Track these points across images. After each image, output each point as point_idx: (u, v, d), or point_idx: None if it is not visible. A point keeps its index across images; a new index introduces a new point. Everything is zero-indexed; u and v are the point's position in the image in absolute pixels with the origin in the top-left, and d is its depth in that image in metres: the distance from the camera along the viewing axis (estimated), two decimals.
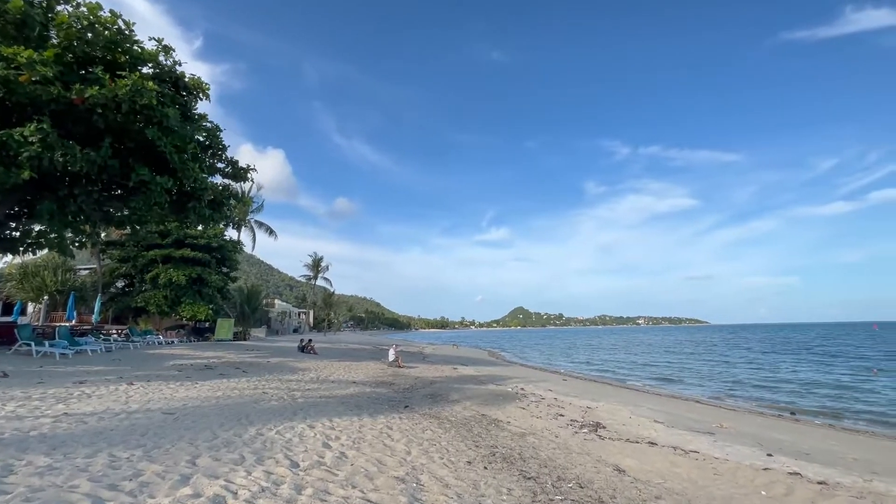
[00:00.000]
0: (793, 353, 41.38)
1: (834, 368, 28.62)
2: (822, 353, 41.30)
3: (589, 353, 48.34)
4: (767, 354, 41.06)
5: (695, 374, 27.98)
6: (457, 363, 26.62)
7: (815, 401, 18.07)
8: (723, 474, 6.28)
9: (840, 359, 35.00)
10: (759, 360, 35.26)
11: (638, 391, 20.69)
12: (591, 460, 6.39)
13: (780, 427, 12.45)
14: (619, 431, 9.26)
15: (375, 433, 6.88)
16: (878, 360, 33.23)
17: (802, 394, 19.68)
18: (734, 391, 21.12)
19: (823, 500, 5.15)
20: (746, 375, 26.31)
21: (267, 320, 61.98)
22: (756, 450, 8.30)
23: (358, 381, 14.40)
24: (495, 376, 19.90)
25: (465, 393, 13.27)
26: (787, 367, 30.40)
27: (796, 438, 10.44)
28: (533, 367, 31.68)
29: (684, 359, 38.69)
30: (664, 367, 32.02)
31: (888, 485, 6.37)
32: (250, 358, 19.85)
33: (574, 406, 12.58)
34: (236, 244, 37.36)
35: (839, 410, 16.18)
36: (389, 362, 20.80)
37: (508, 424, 8.93)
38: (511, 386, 16.12)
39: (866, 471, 7.38)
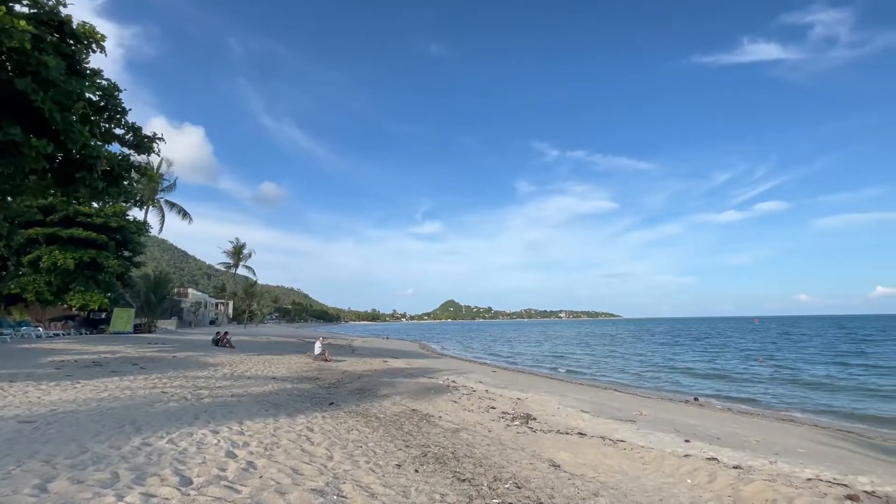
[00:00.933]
0: (690, 344, 45.89)
1: (725, 357, 32.03)
2: (716, 343, 46.26)
3: (516, 345, 49.95)
4: (669, 345, 45.15)
5: (610, 363, 29.83)
6: (387, 356, 25.92)
7: (712, 386, 19.90)
8: (650, 463, 6.35)
9: (729, 349, 39.35)
10: (663, 351, 38.58)
11: (563, 381, 21.47)
12: (527, 456, 6.15)
13: (689, 412, 13.39)
14: (549, 423, 9.24)
15: (293, 436, 6.08)
16: (759, 350, 37.73)
17: (701, 380, 21.62)
18: (644, 379, 22.71)
19: (743, 486, 5.32)
20: (653, 364, 28.55)
21: (178, 311, 56.56)
22: (674, 436, 8.67)
23: (278, 377, 13.25)
24: (426, 369, 19.54)
25: (395, 387, 12.69)
26: (685, 356, 33.51)
27: (705, 423, 11.21)
28: (463, 359, 31.89)
29: (601, 350, 41.28)
30: (584, 358, 33.83)
31: (791, 465, 6.85)
32: (152, 352, 17.63)
33: (505, 398, 12.53)
34: (141, 225, 33.23)
35: (733, 395, 17.91)
36: (315, 356, 19.60)
37: (440, 420, 8.52)
38: (442, 378, 15.82)
39: (769, 452, 7.96)
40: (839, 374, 22.42)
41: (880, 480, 6.34)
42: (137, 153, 15.91)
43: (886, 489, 5.84)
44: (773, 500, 4.91)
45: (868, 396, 16.73)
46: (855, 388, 18.45)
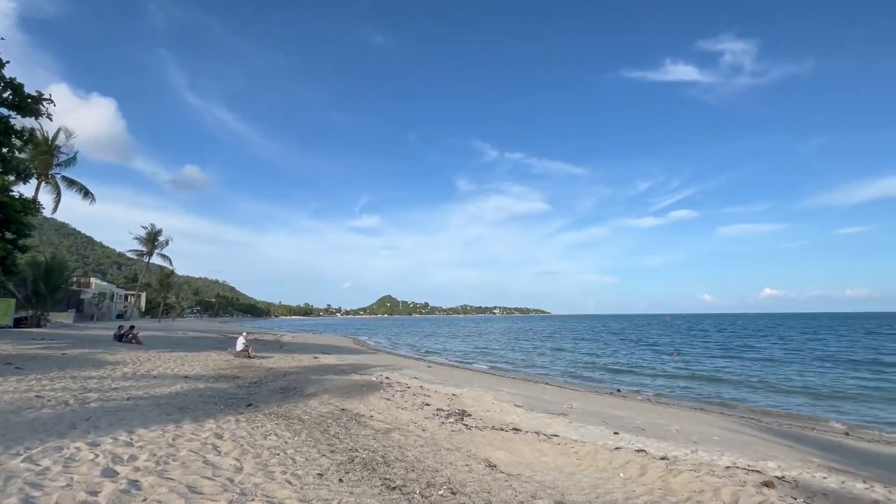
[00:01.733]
0: (610, 340, 48.95)
1: (642, 351, 34.45)
2: (634, 339, 49.75)
3: (452, 340, 50.27)
4: (592, 341, 47.86)
5: (540, 358, 30.85)
6: (318, 352, 24.68)
7: (633, 378, 21.16)
8: (584, 458, 6.31)
9: (645, 343, 42.48)
10: (587, 346, 40.75)
11: (497, 375, 21.71)
12: (462, 456, 5.82)
13: (614, 404, 13.96)
14: (484, 419, 9.05)
15: (197, 445, 5.25)
16: (672, 345, 41.01)
17: (623, 373, 22.93)
18: (572, 372, 23.66)
19: (672, 477, 5.39)
20: (579, 358, 29.95)
21: (78, 303, 50.23)
22: (604, 428, 8.85)
23: (191, 376, 11.90)
24: (359, 365, 18.78)
25: (323, 385, 11.90)
26: (607, 350, 35.61)
27: (629, 414, 11.68)
28: (399, 355, 31.33)
29: (531, 344, 42.70)
30: (516, 352, 34.72)
31: (709, 454, 7.18)
32: (37, 349, 15.20)
33: (440, 394, 12.22)
34: (29, 203, 28.71)
35: (653, 387, 19.12)
36: (237, 352, 18.05)
37: (371, 419, 7.98)
38: (376, 375, 15.21)
39: (689, 441, 8.35)
40: (735, 366, 24.86)
41: (786, 465, 6.81)
42: (21, 114, 13.50)
43: (793, 473, 6.24)
44: (701, 490, 4.98)
45: (760, 386, 18.60)
46: (747, 378, 20.46)
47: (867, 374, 20.93)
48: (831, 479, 6.05)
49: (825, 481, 5.88)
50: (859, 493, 5.40)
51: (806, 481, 5.76)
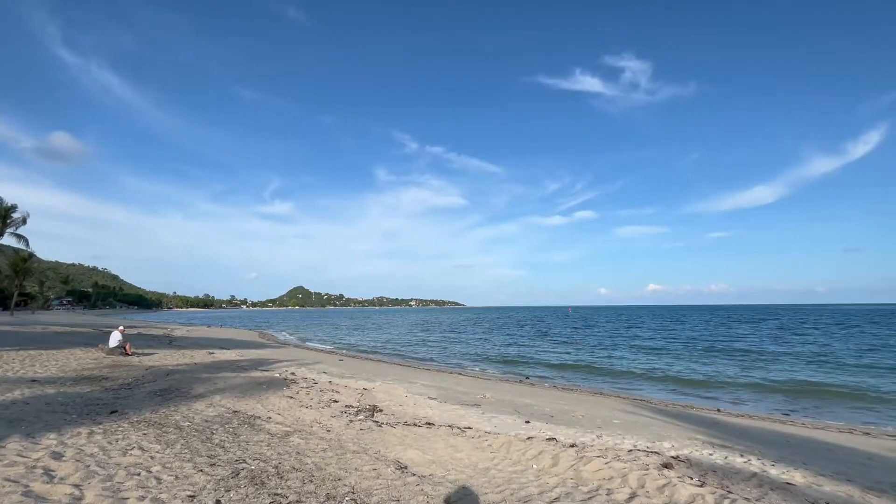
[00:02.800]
0: (518, 330, 51.49)
1: (548, 341, 36.60)
2: (541, 329, 52.84)
3: (366, 332, 49.07)
4: (501, 331, 49.95)
5: (454, 348, 31.26)
6: (216, 347, 22.31)
7: (539, 367, 22.22)
8: (498, 451, 6.12)
9: (551, 333, 45.30)
10: (497, 336, 42.37)
11: (411, 367, 21.38)
12: (370, 459, 5.28)
13: (524, 392, 14.34)
14: (396, 414, 8.58)
15: (19, 471, 4.06)
16: (574, 334, 44.14)
17: (530, 363, 24.00)
18: (486, 361, 24.24)
19: (583, 466, 5.39)
20: (490, 348, 30.90)
21: None
22: (516, 418, 8.87)
23: (41, 379, 9.80)
24: (263, 360, 17.23)
25: (216, 384, 10.54)
26: (517, 339, 37.29)
27: (538, 402, 12.00)
28: (308, 348, 29.64)
29: (446, 336, 43.25)
30: (431, 343, 34.85)
31: (613, 438, 7.46)
32: None
33: (350, 389, 11.50)
34: None
35: (557, 374, 20.19)
36: (110, 349, 15.49)
37: (269, 421, 7.08)
38: (280, 370, 13.98)
39: (594, 426, 8.68)
40: (626, 353, 27.38)
41: (678, 444, 7.29)
42: None
43: (685, 451, 6.66)
44: (610, 477, 5.01)
45: (646, 370, 20.56)
46: (636, 364, 22.57)
47: (725, 358, 24.22)
48: (716, 454, 6.55)
49: (712, 458, 6.34)
50: (740, 468, 5.86)
51: (697, 459, 6.15)
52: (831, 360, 21.58)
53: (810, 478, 5.59)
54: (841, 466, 6.62)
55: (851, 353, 24.70)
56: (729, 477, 5.34)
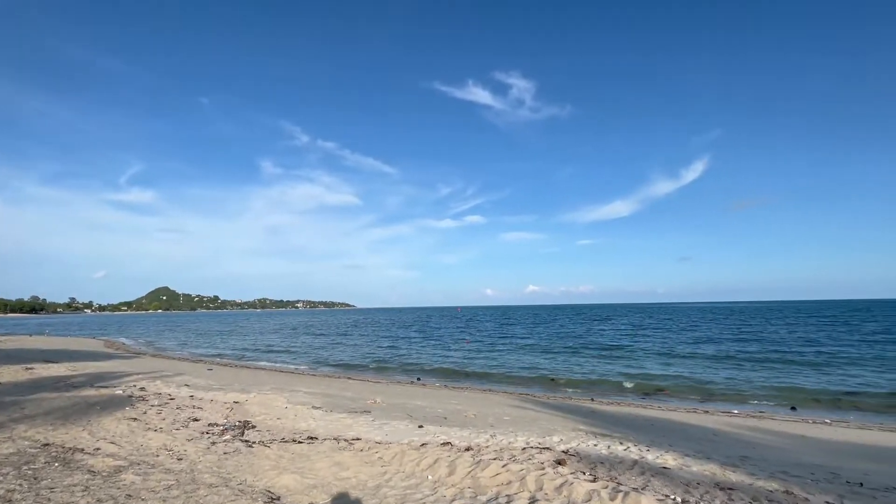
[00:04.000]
0: (407, 331, 51.61)
1: (435, 340, 37.10)
2: (431, 328, 53.56)
3: (244, 336, 44.43)
4: (391, 332, 49.55)
5: (342, 351, 29.83)
6: (39, 359, 17.89)
7: (429, 366, 22.19)
8: (390, 463, 5.53)
9: (438, 332, 46.13)
10: (388, 337, 41.82)
11: (294, 373, 19.62)
12: (232, 494, 4.27)
13: (416, 393, 13.95)
14: (273, 429, 7.46)
15: None
16: (464, 333, 45.48)
17: (423, 363, 23.88)
18: (376, 363, 23.44)
19: (480, 471, 5.08)
20: (379, 349, 30.18)
21: None
22: (409, 423, 8.37)
23: None
24: (104, 374, 14.17)
25: (24, 409, 8.14)
26: (408, 339, 37.15)
27: (431, 403, 11.69)
28: (170, 357, 25.56)
29: (333, 338, 41.25)
30: (317, 346, 32.79)
31: (506, 436, 7.38)
32: None
33: (217, 403, 9.88)
34: None
35: (449, 373, 20.30)
36: None
37: (95, 454, 5.51)
38: (125, 386, 11.53)
39: (487, 425, 8.57)
40: (509, 348, 28.94)
41: (566, 437, 7.48)
42: None
43: (573, 444, 6.81)
44: (509, 482, 4.76)
45: (526, 365, 21.83)
46: (514, 360, 23.90)
47: (587, 350, 26.98)
48: (600, 445, 6.82)
49: (597, 448, 6.57)
50: (623, 456, 6.13)
51: (585, 452, 6.30)
52: (673, 353, 25.30)
53: (679, 459, 6.05)
54: (697, 445, 7.40)
55: (688, 345, 29.34)
56: (615, 467, 5.50)
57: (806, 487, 5.03)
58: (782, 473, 5.67)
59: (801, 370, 18.26)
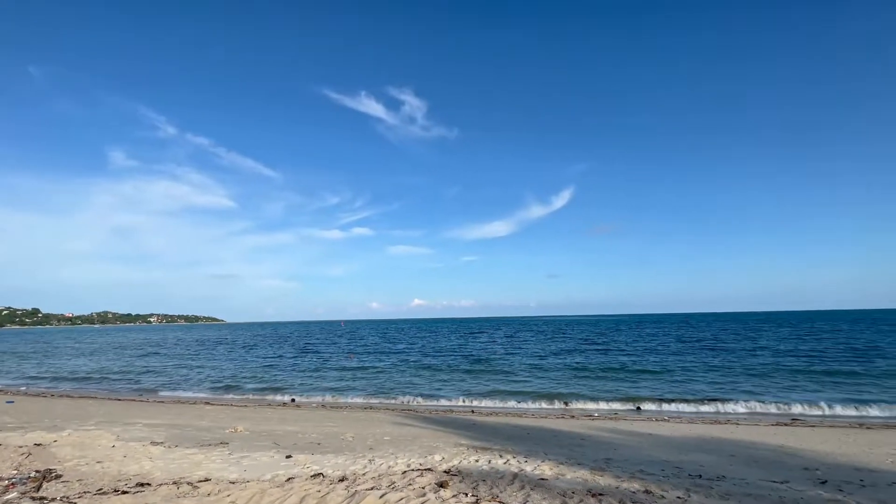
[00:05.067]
0: (284, 346, 47.94)
1: (314, 355, 34.91)
2: (306, 344, 50.40)
3: (72, 359, 36.22)
4: (264, 348, 45.48)
5: (201, 372, 26.13)
6: None
7: (305, 385, 20.56)
8: None
9: (318, 347, 43.61)
10: (260, 354, 38.16)
11: (134, 401, 16.38)
12: None
13: (287, 416, 12.58)
14: (88, 477, 5.83)
15: None
16: (347, 348, 43.62)
17: (298, 382, 22.03)
18: (241, 384, 20.91)
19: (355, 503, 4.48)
20: (251, 369, 27.20)
21: None
22: (275, 453, 7.31)
23: None
24: None
25: None
26: (279, 358, 34.27)
27: (304, 427, 10.57)
28: None
29: (193, 358, 36.12)
30: (171, 368, 28.22)
31: (386, 459, 6.84)
32: None
33: (8, 448, 7.54)
34: None
35: (328, 390, 18.96)
36: None
37: None
38: None
39: (365, 448, 7.92)
40: (393, 362, 28.47)
41: (448, 454, 7.22)
42: None
43: (455, 462, 6.57)
44: None
45: (407, 378, 21.61)
46: (393, 374, 23.59)
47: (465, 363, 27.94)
48: (481, 460, 6.70)
49: (478, 465, 6.42)
50: (503, 470, 6.06)
51: (467, 469, 6.09)
52: (544, 366, 27.39)
53: (555, 468, 6.19)
54: (569, 451, 7.77)
55: (558, 357, 32.07)
56: (497, 484, 5.36)
57: (660, 484, 5.47)
58: (640, 472, 6.14)
59: (641, 376, 21.08)
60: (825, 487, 5.47)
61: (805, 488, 5.43)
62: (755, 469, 6.56)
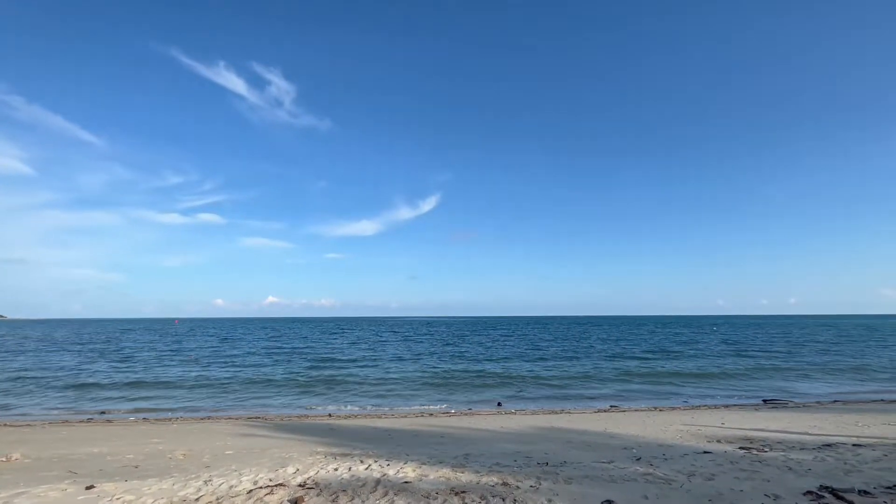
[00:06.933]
0: (92, 349, 39.68)
1: (147, 360, 29.51)
2: (122, 350, 42.45)
3: None
4: (65, 349, 36.91)
5: None
6: None
7: (125, 396, 17.10)
8: None
9: (135, 352, 37.03)
10: (42, 360, 30.76)
11: None
12: None
13: (93, 436, 10.14)
14: None
15: None
16: (191, 351, 37.81)
17: (109, 391, 18.20)
18: (28, 394, 16.34)
19: None
20: (32, 378, 21.60)
21: None
22: (69, 484, 5.71)
23: None
24: None
25: None
26: (91, 364, 28.14)
27: (117, 446, 8.62)
28: None
29: None
30: None
31: (227, 478, 5.88)
32: None
33: None
34: None
35: (148, 403, 15.99)
36: None
37: None
38: None
39: (201, 466, 6.73)
40: (240, 366, 25.67)
41: (302, 465, 6.57)
42: None
43: (311, 473, 5.99)
44: None
45: (259, 385, 19.72)
46: (239, 376, 21.41)
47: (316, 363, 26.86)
48: (341, 468, 6.25)
49: (338, 473, 5.97)
50: (365, 477, 5.73)
51: (325, 480, 5.60)
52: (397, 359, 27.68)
53: (418, 470, 6.10)
54: (430, 449, 7.79)
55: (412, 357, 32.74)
56: (359, 493, 5.01)
57: (515, 475, 5.80)
58: (496, 465, 6.44)
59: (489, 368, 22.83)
60: (640, 463, 6.47)
61: (626, 465, 6.34)
62: (588, 452, 7.47)
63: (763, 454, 6.92)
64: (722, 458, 6.73)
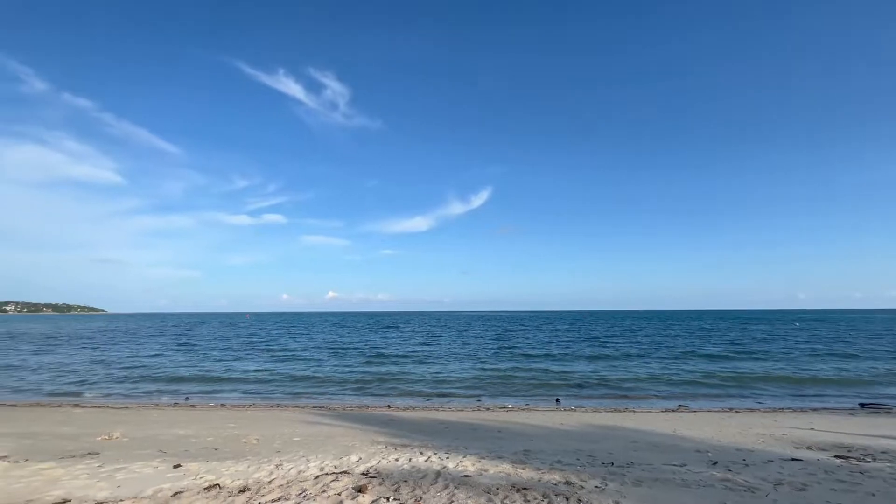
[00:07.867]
0: (170, 342, 43.41)
1: (219, 351, 31.97)
2: (188, 340, 46.13)
3: None
4: (150, 343, 40.75)
5: (66, 370, 22.42)
6: None
7: (207, 385, 18.58)
8: None
9: (204, 342, 40.07)
10: (144, 350, 34.04)
11: None
12: None
13: (178, 419, 11.12)
14: None
15: None
16: (265, 342, 40.50)
17: (190, 380, 19.84)
18: (125, 380, 18.28)
19: None
20: (132, 368, 24.04)
21: None
22: (160, 462, 6.28)
23: None
24: None
25: None
26: (162, 354, 30.87)
27: (199, 430, 9.37)
28: None
29: (51, 354, 31.02)
30: (22, 366, 23.79)
31: (296, 463, 6.19)
32: None
33: None
34: None
35: (224, 391, 17.27)
36: None
37: None
38: None
39: (272, 451, 7.14)
40: (310, 356, 27.02)
41: (365, 455, 6.76)
42: None
43: (373, 463, 6.15)
44: None
45: (307, 376, 20.61)
46: (299, 370, 22.45)
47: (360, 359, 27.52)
48: (402, 459, 6.36)
49: (398, 464, 6.07)
50: (425, 469, 5.78)
51: (387, 469, 5.71)
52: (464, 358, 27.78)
53: (477, 463, 6.06)
54: (489, 444, 7.73)
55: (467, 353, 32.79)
56: (419, 484, 5.06)
57: (578, 474, 5.58)
58: (558, 462, 6.24)
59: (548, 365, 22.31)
60: (716, 468, 5.99)
61: (701, 469, 5.90)
62: (657, 454, 7.04)
63: (864, 464, 6.16)
64: (814, 466, 6.07)
